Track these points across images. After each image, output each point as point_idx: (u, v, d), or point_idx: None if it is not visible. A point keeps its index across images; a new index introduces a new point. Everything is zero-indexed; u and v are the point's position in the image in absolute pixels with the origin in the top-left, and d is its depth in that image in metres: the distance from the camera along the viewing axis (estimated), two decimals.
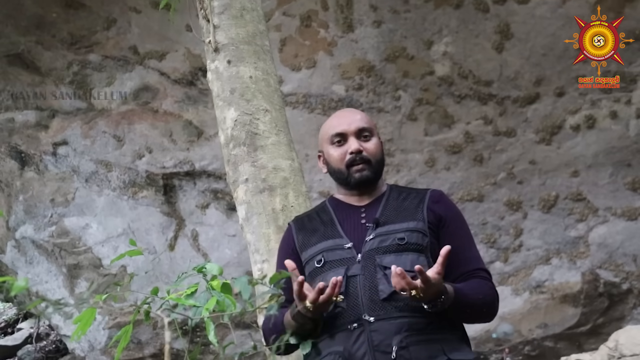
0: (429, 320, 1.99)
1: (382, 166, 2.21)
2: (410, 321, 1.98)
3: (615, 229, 5.42)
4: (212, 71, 2.37)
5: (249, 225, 2.13)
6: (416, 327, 1.98)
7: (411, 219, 2.10)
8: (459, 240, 2.11)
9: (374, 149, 2.17)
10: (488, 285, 2.11)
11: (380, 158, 2.20)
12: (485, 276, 2.12)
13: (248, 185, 2.17)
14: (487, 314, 2.13)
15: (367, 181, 2.17)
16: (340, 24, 5.25)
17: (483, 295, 2.07)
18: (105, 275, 6.20)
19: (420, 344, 1.97)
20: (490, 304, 2.10)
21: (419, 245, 2.06)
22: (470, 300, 2.02)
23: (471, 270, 2.10)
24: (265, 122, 2.25)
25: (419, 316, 1.98)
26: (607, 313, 5.63)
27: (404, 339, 1.96)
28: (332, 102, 5.43)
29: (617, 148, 5.28)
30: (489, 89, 5.24)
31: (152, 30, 5.62)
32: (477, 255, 2.17)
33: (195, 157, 5.83)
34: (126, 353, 6.21)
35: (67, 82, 5.89)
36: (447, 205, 2.20)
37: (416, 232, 2.07)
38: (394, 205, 2.15)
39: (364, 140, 2.17)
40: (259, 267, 2.06)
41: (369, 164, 2.16)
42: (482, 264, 2.17)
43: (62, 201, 6.17)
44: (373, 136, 2.20)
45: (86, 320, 1.67)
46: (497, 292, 2.14)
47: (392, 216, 2.12)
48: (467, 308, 2.02)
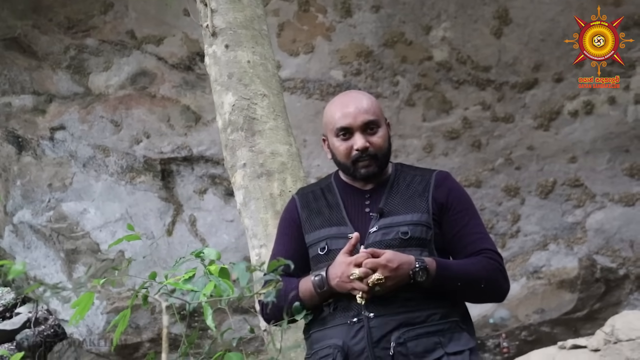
0: (429, 313, 1.98)
1: (388, 156, 2.18)
2: (408, 316, 1.97)
3: (613, 214, 5.43)
4: (209, 56, 2.36)
5: (246, 210, 2.13)
6: (414, 321, 1.97)
7: (416, 210, 2.07)
8: (461, 223, 2.09)
9: (380, 143, 2.13)
10: (489, 262, 2.04)
11: (386, 150, 2.16)
12: (490, 255, 2.06)
13: (246, 170, 2.16)
14: (488, 292, 2.06)
15: (372, 176, 2.15)
16: (338, 9, 5.23)
17: (477, 270, 2.02)
18: (103, 260, 6.21)
19: (419, 338, 1.96)
20: (489, 279, 2.02)
21: (423, 239, 2.04)
22: (457, 273, 1.99)
23: (476, 251, 2.06)
24: (263, 107, 2.24)
25: (417, 310, 1.98)
26: (604, 298, 5.65)
27: (402, 335, 1.95)
28: (330, 87, 5.42)
29: (615, 134, 5.27)
30: (487, 75, 5.23)
31: (149, 15, 5.59)
32: (482, 236, 2.11)
33: (193, 142, 5.82)
34: (124, 337, 6.23)
35: (64, 67, 5.87)
36: (450, 188, 2.14)
37: (420, 225, 2.05)
38: (399, 192, 2.12)
39: (370, 134, 2.13)
40: (256, 252, 2.06)
41: (375, 158, 2.13)
42: (487, 243, 2.09)
43: (59, 186, 6.16)
44: (379, 127, 2.15)
45: (84, 304, 1.67)
46: (503, 270, 2.07)
47: (396, 205, 2.09)
48: (457, 281, 1.98)
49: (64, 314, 6.46)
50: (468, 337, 2.03)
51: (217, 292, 1.64)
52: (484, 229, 2.14)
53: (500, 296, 2.10)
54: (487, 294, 2.08)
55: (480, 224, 2.14)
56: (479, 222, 2.14)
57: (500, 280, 2.06)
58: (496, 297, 2.11)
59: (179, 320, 1.71)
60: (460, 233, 2.06)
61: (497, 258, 2.07)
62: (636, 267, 5.50)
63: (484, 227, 2.15)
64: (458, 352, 1.97)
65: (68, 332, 6.80)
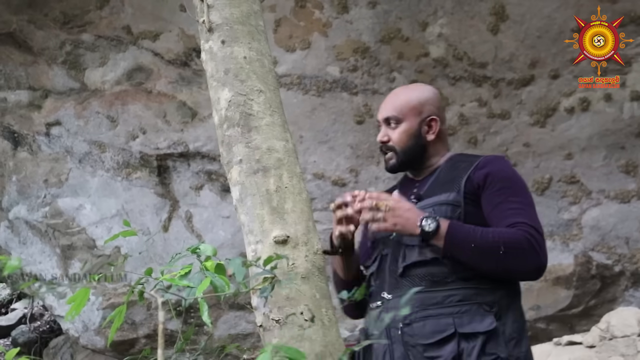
0: (446, 294, 1.97)
1: (411, 151, 2.20)
2: (424, 296, 1.97)
3: (609, 211, 5.44)
4: (206, 51, 2.36)
5: (242, 206, 2.13)
6: (429, 301, 1.97)
7: (447, 191, 2.08)
8: (497, 200, 2.02)
9: (396, 138, 2.21)
10: (516, 230, 1.93)
11: (407, 145, 2.20)
12: (523, 227, 1.94)
13: (242, 166, 2.16)
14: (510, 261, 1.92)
15: (393, 170, 2.23)
16: (335, 5, 5.22)
17: (496, 235, 1.92)
18: (99, 256, 6.20)
19: (427, 319, 1.97)
20: (509, 246, 1.90)
21: (447, 217, 2.01)
22: (470, 234, 1.93)
23: (509, 223, 1.97)
24: (259, 103, 2.24)
25: (433, 291, 1.98)
26: (599, 295, 5.67)
27: (410, 316, 1.97)
28: (327, 83, 5.41)
29: (611, 131, 5.28)
30: (483, 71, 5.23)
31: (145, 10, 5.58)
32: (518, 211, 1.99)
33: (189, 138, 5.81)
34: (120, 333, 6.23)
35: (60, 62, 5.85)
36: (492, 168, 2.08)
37: (446, 204, 2.05)
38: (441, 178, 2.15)
39: (391, 128, 2.22)
40: (252, 248, 2.06)
41: (395, 152, 2.21)
42: (522, 217, 1.97)
43: (55, 182, 6.16)
44: (400, 123, 2.21)
45: (80, 300, 1.67)
46: (535, 241, 1.93)
47: (434, 190, 2.12)
48: (470, 243, 1.92)
49: (59, 309, 6.46)
50: (491, 320, 1.93)
51: (214, 288, 1.64)
52: (523, 206, 2.02)
53: (528, 267, 1.96)
54: (509, 263, 1.93)
55: (521, 202, 2.02)
56: (518, 200, 2.03)
57: (527, 249, 1.92)
58: (523, 267, 1.95)
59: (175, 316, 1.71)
60: (495, 210, 2.01)
61: (529, 229, 1.94)
62: (632, 264, 5.52)
63: (526, 204, 2.03)
64: (471, 334, 1.91)
65: (64, 328, 6.79)
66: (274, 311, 1.95)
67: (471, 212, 2.04)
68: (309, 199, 2.21)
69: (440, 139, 2.24)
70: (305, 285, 2.00)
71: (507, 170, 2.12)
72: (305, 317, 1.96)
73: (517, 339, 1.98)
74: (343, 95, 5.40)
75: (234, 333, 6.10)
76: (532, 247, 1.93)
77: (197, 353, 1.88)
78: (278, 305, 1.95)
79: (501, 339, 1.93)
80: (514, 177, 2.10)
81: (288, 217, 2.09)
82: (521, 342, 1.99)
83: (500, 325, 1.95)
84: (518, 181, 2.10)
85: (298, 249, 2.05)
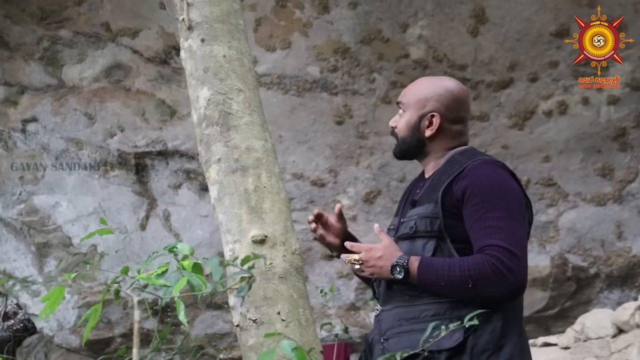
0: (422, 309, 1.98)
1: (409, 144, 2.21)
2: (403, 311, 2.01)
3: (585, 214, 5.49)
4: (185, 50, 2.34)
5: (221, 205, 2.12)
6: (407, 316, 2.00)
7: (429, 202, 2.08)
8: (474, 217, 1.98)
9: (399, 126, 2.22)
10: (484, 259, 1.91)
11: (405, 135, 2.20)
12: (490, 252, 1.91)
13: (220, 165, 2.15)
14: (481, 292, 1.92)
15: (395, 156, 2.27)
16: (315, 5, 5.22)
17: (464, 269, 1.92)
18: (75, 254, 6.15)
19: (400, 335, 1.99)
20: (478, 278, 1.90)
21: (428, 232, 2.04)
22: (440, 273, 1.94)
23: (481, 247, 1.95)
24: (238, 102, 2.22)
25: (412, 305, 2.00)
26: (575, 297, 5.72)
27: (389, 330, 2.02)
28: (307, 83, 5.41)
29: (588, 134, 5.33)
30: (463, 73, 5.26)
31: (124, 7, 5.54)
32: (492, 230, 1.95)
33: (168, 137, 5.78)
34: (95, 332, 6.18)
35: (37, 58, 5.79)
36: (472, 179, 2.03)
37: (425, 218, 2.05)
38: (432, 182, 2.15)
39: (400, 115, 2.24)
40: (230, 248, 2.05)
41: (397, 139, 2.24)
42: (495, 238, 1.93)
43: (31, 179, 6.09)
44: (406, 111, 2.21)
45: (55, 298, 1.65)
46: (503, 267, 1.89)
47: (424, 197, 2.12)
48: (440, 281, 1.94)
49: (34, 308, 6.39)
50: (459, 336, 1.91)
51: (191, 287, 1.63)
52: (500, 223, 1.96)
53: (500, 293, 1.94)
54: (481, 294, 1.93)
55: (497, 217, 1.97)
56: (494, 216, 1.97)
57: (493, 277, 1.90)
58: (495, 294, 1.94)
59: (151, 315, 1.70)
60: (472, 229, 1.98)
61: (497, 253, 1.91)
62: (607, 266, 5.57)
63: (503, 220, 1.97)
64: (437, 351, 1.90)
65: (38, 326, 6.72)
66: (251, 311, 1.94)
67: (452, 225, 2.02)
68: (288, 199, 2.20)
69: (441, 137, 2.18)
70: (282, 285, 2.00)
71: (487, 180, 2.04)
72: (282, 317, 1.95)
73: (492, 350, 1.94)
74: (323, 96, 5.40)
75: (211, 332, 6.08)
76: (500, 274, 1.90)
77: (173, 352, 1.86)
78: (255, 305, 1.94)
79: (467, 355, 1.92)
80: (493, 188, 2.03)
81: (266, 216, 2.09)
82: (499, 352, 1.95)
83: (473, 339, 1.93)
84: (498, 191, 2.02)
85: (276, 249, 2.04)
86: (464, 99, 2.24)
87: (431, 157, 2.21)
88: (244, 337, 1.94)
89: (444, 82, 2.27)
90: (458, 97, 2.21)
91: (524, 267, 1.97)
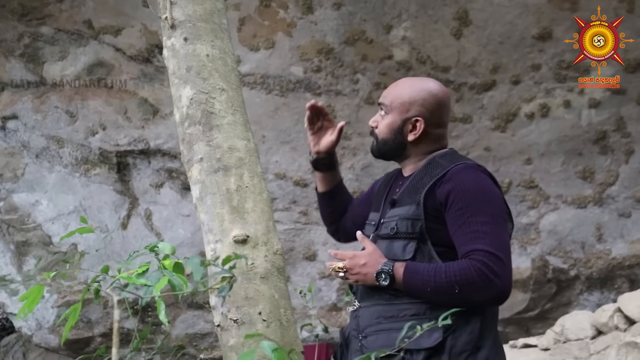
0: (402, 308, 1.99)
1: (387, 144, 2.20)
2: (382, 309, 2.02)
3: (566, 216, 5.53)
4: (168, 48, 2.33)
5: (202, 205, 2.11)
6: (387, 314, 2.01)
7: (410, 203, 2.07)
8: (458, 222, 1.98)
9: (380, 128, 2.22)
10: (470, 264, 1.91)
11: (386, 138, 2.20)
12: (476, 256, 1.92)
13: (203, 165, 2.14)
14: (467, 297, 1.92)
15: (373, 154, 2.27)
16: (299, 5, 5.22)
17: (451, 274, 1.92)
18: (55, 253, 6.11)
19: (379, 333, 2.00)
20: (464, 284, 1.90)
21: (409, 233, 2.04)
22: (426, 279, 1.94)
23: (466, 252, 1.95)
24: (221, 102, 2.22)
25: (391, 304, 2.01)
26: (555, 298, 5.76)
27: (368, 328, 2.03)
28: (290, 83, 5.40)
29: (569, 137, 5.37)
30: (446, 75, 5.28)
31: (107, 5, 5.51)
32: (477, 235, 1.95)
33: (150, 136, 5.75)
34: (75, 332, 6.13)
35: (18, 55, 5.74)
36: (455, 183, 2.03)
37: (406, 219, 2.05)
38: (412, 183, 2.14)
39: (381, 116, 2.24)
40: (212, 247, 2.05)
41: (376, 140, 2.24)
42: (481, 242, 1.94)
43: (10, 176, 6.04)
44: (389, 113, 2.20)
45: (33, 297, 1.64)
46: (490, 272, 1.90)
47: (404, 197, 2.12)
48: (426, 287, 1.94)
49: (12, 307, 6.33)
50: (438, 335, 1.92)
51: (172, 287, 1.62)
52: (484, 228, 1.97)
53: (487, 298, 1.95)
54: (467, 299, 1.93)
55: (481, 222, 1.97)
56: (478, 220, 1.97)
57: (479, 282, 1.90)
58: (482, 299, 1.95)
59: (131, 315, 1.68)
60: (457, 234, 1.99)
61: (483, 258, 1.92)
62: (587, 268, 5.61)
63: (487, 225, 1.97)
64: (415, 350, 1.91)
65: (16, 325, 6.66)
66: (232, 311, 1.93)
67: (434, 228, 2.02)
68: (270, 199, 2.20)
69: (424, 141, 2.16)
70: (264, 285, 1.99)
71: (470, 184, 2.04)
72: (264, 317, 1.95)
73: (469, 351, 1.94)
74: (306, 96, 5.40)
75: (192, 332, 6.05)
76: (487, 279, 1.91)
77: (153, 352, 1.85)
78: (236, 305, 1.93)
79: (446, 355, 1.92)
80: (477, 192, 2.03)
81: (248, 216, 2.08)
82: (476, 353, 1.95)
83: (451, 340, 1.94)
84: (481, 196, 2.02)
85: (258, 249, 2.04)
86: (447, 103, 2.22)
87: (411, 160, 2.22)
88: (225, 337, 1.94)
89: (427, 84, 2.23)
90: (441, 101, 2.19)
91: (509, 272, 1.97)
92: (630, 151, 5.39)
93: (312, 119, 2.41)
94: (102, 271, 1.66)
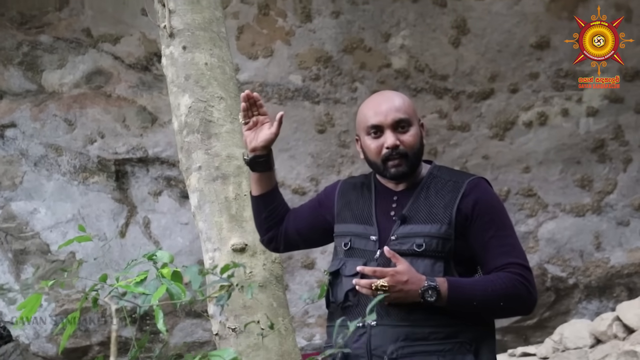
0: (432, 330, 1.95)
1: (419, 156, 2.11)
2: (409, 330, 1.95)
3: (564, 224, 5.52)
4: (166, 57, 2.34)
5: (201, 213, 2.11)
6: (415, 336, 1.95)
7: (437, 221, 2.02)
8: (486, 236, 2.01)
9: (411, 142, 2.08)
10: (510, 277, 1.97)
11: (417, 149, 2.09)
12: (513, 269, 1.98)
13: (201, 173, 2.14)
14: (510, 309, 2.01)
15: (402, 176, 2.10)
16: (298, 14, 5.23)
17: (495, 288, 1.95)
18: (53, 261, 6.09)
19: (414, 355, 1.95)
20: (509, 297, 1.96)
21: (438, 252, 2.00)
22: (472, 293, 1.95)
23: (499, 266, 1.99)
24: (219, 110, 2.22)
25: (420, 325, 1.96)
26: (553, 307, 5.75)
27: (398, 349, 1.94)
28: (289, 91, 5.41)
29: (567, 145, 5.38)
30: (444, 83, 5.28)
31: (106, 13, 5.52)
32: (508, 249, 2.02)
33: (148, 144, 5.75)
34: (73, 341, 6.11)
35: (17, 63, 5.75)
36: (478, 198, 2.05)
37: (437, 238, 2.00)
38: (426, 199, 2.07)
39: (401, 132, 2.07)
40: (210, 256, 2.05)
41: (406, 157, 2.07)
42: (512, 257, 2.01)
43: (9, 185, 6.03)
44: (411, 125, 2.09)
45: (31, 306, 1.63)
46: (528, 284, 1.99)
47: (419, 212, 2.05)
48: (472, 301, 1.94)
49: (10, 315, 6.31)
50: (470, 358, 1.96)
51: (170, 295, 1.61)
52: (512, 241, 2.06)
53: (525, 310, 2.05)
54: (509, 311, 2.04)
55: (508, 236, 2.06)
56: (506, 234, 2.05)
57: (524, 295, 1.99)
58: (521, 311, 2.07)
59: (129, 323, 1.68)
60: (485, 247, 2.00)
61: (521, 272, 1.99)
62: (585, 277, 5.61)
63: (513, 238, 2.07)
64: None
65: (14, 334, 6.64)
66: (230, 319, 1.93)
67: (461, 245, 2.02)
68: None
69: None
70: (262, 294, 1.99)
71: (491, 197, 2.11)
72: (262, 326, 1.94)
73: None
74: (305, 104, 5.40)
75: (190, 341, 6.03)
76: (528, 291, 2.00)
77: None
78: (235, 314, 1.93)
79: None
80: (497, 205, 2.11)
81: (247, 225, 2.08)
82: None
83: None
84: (502, 208, 2.12)
85: (256, 257, 2.04)
86: None
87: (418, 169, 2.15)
88: (223, 346, 1.93)
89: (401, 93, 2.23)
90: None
91: (535, 284, 2.05)
92: (628, 159, 5.40)
93: (247, 113, 2.19)
94: (100, 280, 1.65)
